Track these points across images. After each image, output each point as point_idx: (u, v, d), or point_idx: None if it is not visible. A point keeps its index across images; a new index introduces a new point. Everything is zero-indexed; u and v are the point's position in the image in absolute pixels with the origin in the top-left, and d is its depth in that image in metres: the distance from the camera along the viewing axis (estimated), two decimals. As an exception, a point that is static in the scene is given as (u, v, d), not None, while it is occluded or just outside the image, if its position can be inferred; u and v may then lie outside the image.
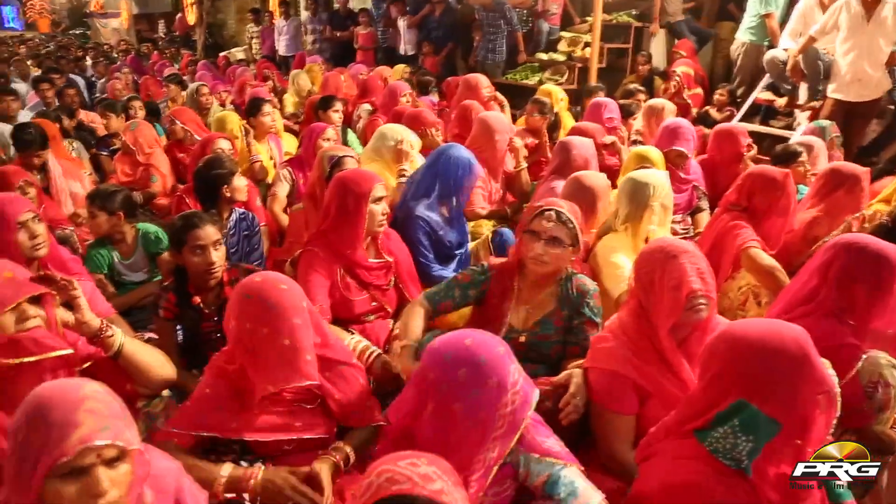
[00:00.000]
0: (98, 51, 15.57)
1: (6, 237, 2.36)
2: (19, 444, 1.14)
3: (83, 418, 1.14)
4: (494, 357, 1.46)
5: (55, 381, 1.25)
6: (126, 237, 3.12)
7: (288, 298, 1.79)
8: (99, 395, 1.21)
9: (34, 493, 1.11)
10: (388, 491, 1.07)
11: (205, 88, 6.04)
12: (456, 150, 3.11)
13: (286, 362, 1.77)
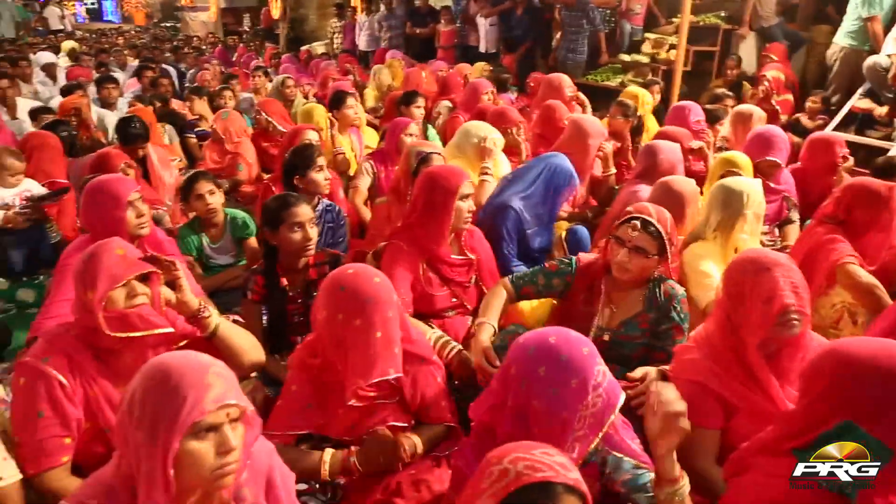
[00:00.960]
0: (188, 43, 16.21)
1: (117, 214, 2.51)
2: (149, 409, 1.18)
3: (213, 381, 1.22)
4: (578, 357, 1.44)
5: (173, 352, 1.31)
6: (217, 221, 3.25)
7: (382, 291, 1.81)
8: (219, 363, 1.29)
9: (171, 453, 1.17)
10: (531, 478, 1.09)
11: (290, 81, 6.21)
12: (560, 160, 3.11)
13: (378, 355, 1.77)
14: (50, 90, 7.47)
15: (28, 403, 1.73)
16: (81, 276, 1.78)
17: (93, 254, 1.79)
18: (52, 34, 15.22)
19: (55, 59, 8.66)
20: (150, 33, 19.99)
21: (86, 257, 1.79)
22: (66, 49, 11.06)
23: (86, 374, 1.78)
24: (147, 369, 1.24)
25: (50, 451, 1.73)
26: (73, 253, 2.58)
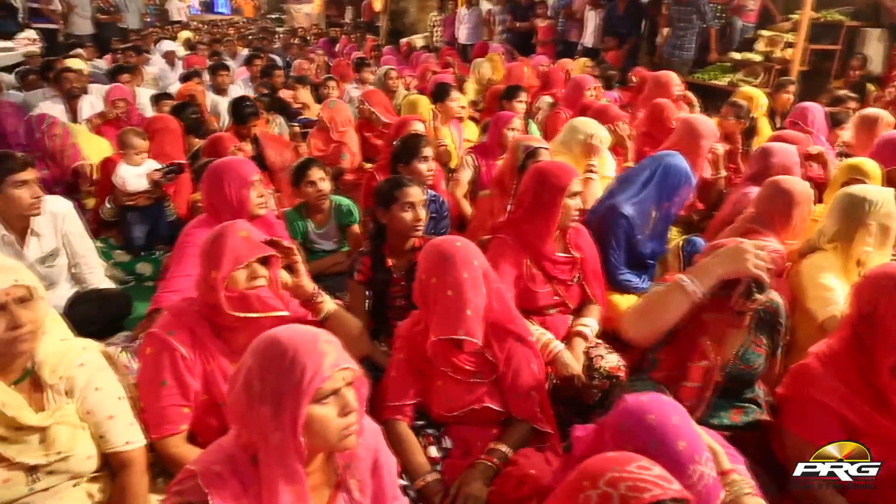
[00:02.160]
0: (293, 34, 16.76)
1: (243, 194, 2.62)
2: (271, 383, 1.23)
3: (326, 348, 1.27)
4: (672, 452, 1.29)
5: (278, 327, 1.34)
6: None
7: (458, 252, 1.92)
8: (324, 332, 1.33)
9: (301, 421, 1.22)
10: (640, 500, 1.04)
11: (393, 72, 6.31)
12: (676, 159, 2.98)
13: (448, 313, 1.89)
14: (169, 76, 7.92)
15: (154, 372, 1.83)
16: (207, 255, 1.86)
17: (219, 234, 1.87)
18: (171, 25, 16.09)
19: (174, 48, 9.17)
20: (258, 24, 20.80)
21: (212, 237, 1.87)
22: (183, 38, 11.69)
23: (205, 349, 1.87)
24: (260, 346, 1.29)
25: (171, 418, 1.82)
26: (191, 230, 2.70)
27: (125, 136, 3.82)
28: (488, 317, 1.98)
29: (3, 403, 1.59)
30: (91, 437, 1.75)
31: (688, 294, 1.96)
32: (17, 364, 1.65)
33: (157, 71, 8.14)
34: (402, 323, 2.13)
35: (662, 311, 2.00)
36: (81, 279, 3.05)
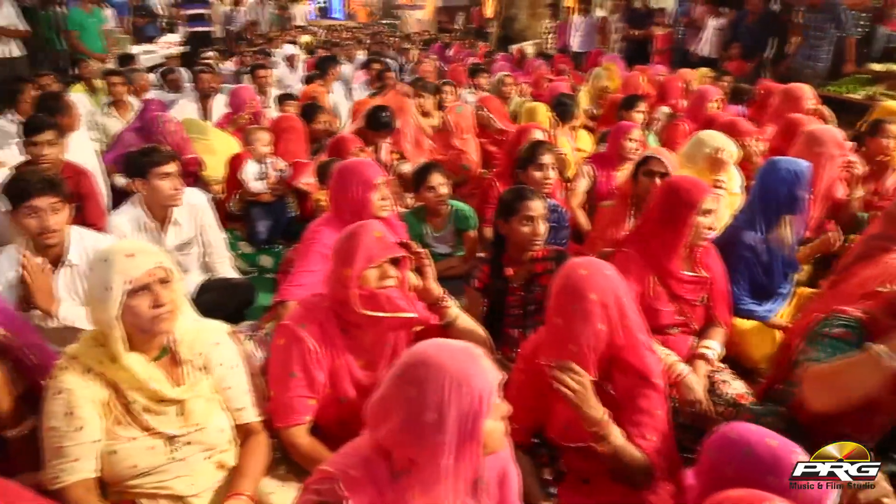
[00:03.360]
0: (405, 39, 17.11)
1: (367, 196, 2.69)
2: (449, 413, 1.21)
3: (485, 364, 1.26)
4: None
5: (432, 340, 1.33)
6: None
7: (578, 281, 1.77)
8: (470, 346, 1.31)
9: (480, 442, 1.22)
10: None
11: (508, 79, 6.29)
12: (782, 162, 2.80)
13: (553, 341, 1.81)
14: (290, 78, 8.29)
15: (284, 363, 1.89)
16: (340, 252, 1.90)
17: (353, 233, 1.91)
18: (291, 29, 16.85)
19: (297, 52, 9.59)
20: (372, 30, 21.41)
21: (346, 235, 1.92)
22: (303, 42, 12.20)
23: (333, 344, 1.91)
24: (425, 364, 1.25)
25: (297, 409, 1.88)
26: (317, 228, 2.78)
27: (250, 134, 4.03)
28: (610, 350, 1.85)
29: (149, 377, 1.70)
30: (223, 411, 1.85)
31: (884, 368, 1.62)
32: (157, 342, 1.76)
33: (280, 73, 8.51)
34: (527, 339, 2.09)
35: (853, 384, 1.69)
36: (211, 268, 3.23)
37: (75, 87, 6.39)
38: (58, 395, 1.65)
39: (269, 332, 2.70)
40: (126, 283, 1.63)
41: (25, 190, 2.41)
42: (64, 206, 2.47)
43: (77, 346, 1.74)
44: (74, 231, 2.58)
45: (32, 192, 2.39)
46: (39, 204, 2.39)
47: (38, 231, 2.43)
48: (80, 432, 1.64)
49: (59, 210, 2.45)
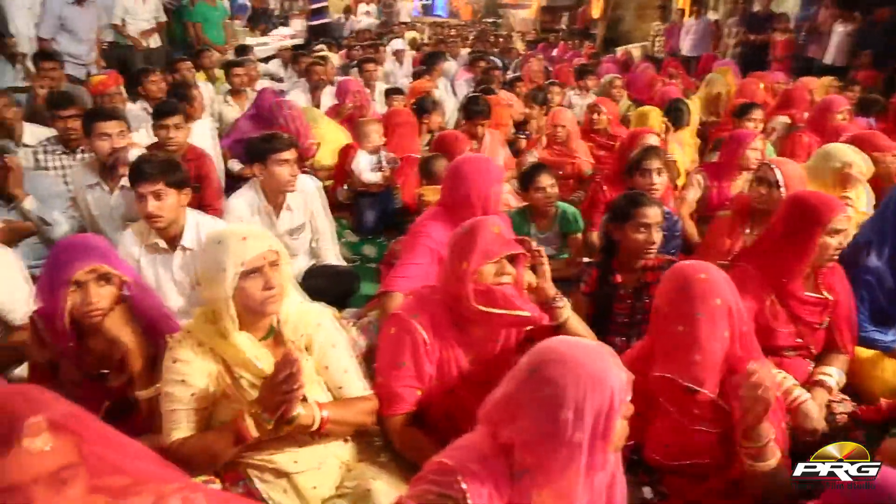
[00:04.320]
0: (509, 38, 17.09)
1: (487, 191, 2.67)
2: (588, 411, 1.20)
3: (614, 361, 1.25)
4: None
5: (561, 339, 1.32)
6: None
7: (700, 284, 1.70)
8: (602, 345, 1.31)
9: (613, 436, 1.22)
10: None
11: (618, 81, 6.16)
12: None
13: (674, 352, 1.72)
14: (397, 73, 8.44)
15: (394, 352, 1.92)
16: (458, 246, 1.91)
17: (472, 228, 1.91)
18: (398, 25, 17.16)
19: (405, 47, 9.76)
20: (476, 27, 21.48)
21: (465, 230, 1.92)
22: (409, 38, 12.39)
23: (444, 337, 1.93)
24: (563, 377, 1.22)
25: (403, 398, 1.91)
26: (426, 222, 2.79)
27: (364, 126, 4.12)
28: (728, 363, 1.76)
29: (256, 357, 1.76)
30: (325, 391, 1.89)
31: None
32: (265, 322, 1.82)
33: (386, 68, 8.68)
34: (629, 350, 2.03)
35: None
36: (318, 254, 3.34)
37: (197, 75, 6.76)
38: (173, 364, 1.76)
39: (372, 320, 2.76)
40: (239, 265, 1.69)
41: (133, 175, 2.58)
42: (171, 193, 2.57)
43: (192, 321, 1.85)
44: (191, 216, 2.71)
45: (139, 177, 2.54)
46: (143, 190, 2.53)
47: (143, 215, 2.58)
48: (190, 399, 1.74)
49: (164, 196, 2.55)
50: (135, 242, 2.61)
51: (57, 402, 1.13)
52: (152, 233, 2.63)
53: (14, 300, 2.47)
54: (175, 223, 2.62)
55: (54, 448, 1.07)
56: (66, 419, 1.10)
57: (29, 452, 1.04)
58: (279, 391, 1.61)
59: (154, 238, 2.63)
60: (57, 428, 1.08)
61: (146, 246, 2.64)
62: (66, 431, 1.09)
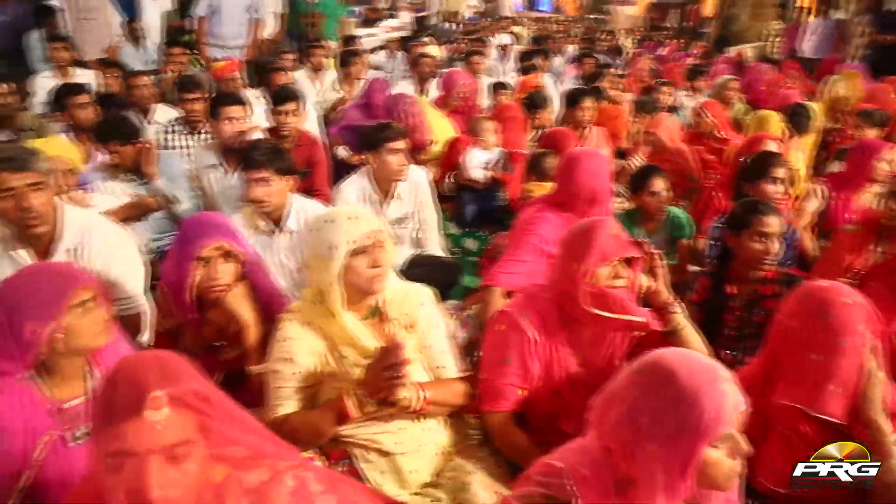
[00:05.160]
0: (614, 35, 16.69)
1: (600, 188, 2.65)
2: (664, 423, 1.17)
3: (728, 388, 1.18)
4: None
5: (669, 354, 1.26)
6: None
7: (843, 310, 1.60)
8: (719, 367, 1.23)
9: (694, 466, 1.16)
10: None
11: (734, 83, 5.89)
12: None
13: (804, 380, 1.62)
14: (501, 68, 8.42)
15: (500, 349, 1.92)
16: (572, 246, 1.88)
17: (588, 228, 1.87)
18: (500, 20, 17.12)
19: (510, 41, 9.73)
20: (582, 24, 21.09)
21: (580, 230, 1.89)
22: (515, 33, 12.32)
23: (552, 337, 1.90)
24: (652, 379, 1.21)
25: (506, 395, 1.90)
26: (534, 218, 2.76)
27: (480, 123, 4.15)
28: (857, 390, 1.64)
29: (359, 335, 1.81)
30: (425, 371, 1.92)
31: None
32: (368, 302, 1.87)
33: (490, 62, 8.67)
34: (743, 369, 1.92)
35: None
36: (421, 244, 3.38)
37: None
38: (281, 342, 1.83)
39: (472, 313, 2.77)
40: (349, 244, 1.74)
41: (243, 161, 2.71)
42: (277, 179, 2.69)
43: (299, 302, 1.92)
44: (296, 200, 2.82)
45: (248, 164, 2.68)
46: (251, 176, 2.66)
47: (250, 199, 2.70)
48: (294, 377, 1.81)
49: (270, 182, 2.66)
50: (244, 224, 2.73)
51: (189, 374, 1.18)
52: (258, 215, 2.75)
53: (134, 284, 2.54)
54: (280, 207, 2.74)
55: (172, 423, 1.11)
56: (190, 395, 1.14)
57: (148, 424, 1.10)
58: (384, 376, 1.65)
59: (259, 220, 2.76)
60: (178, 404, 1.12)
61: (252, 228, 2.76)
62: (187, 408, 1.13)
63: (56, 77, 5.31)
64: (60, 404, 1.63)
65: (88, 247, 2.36)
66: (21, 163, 2.17)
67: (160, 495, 1.09)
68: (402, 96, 4.48)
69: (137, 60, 6.61)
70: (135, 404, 1.10)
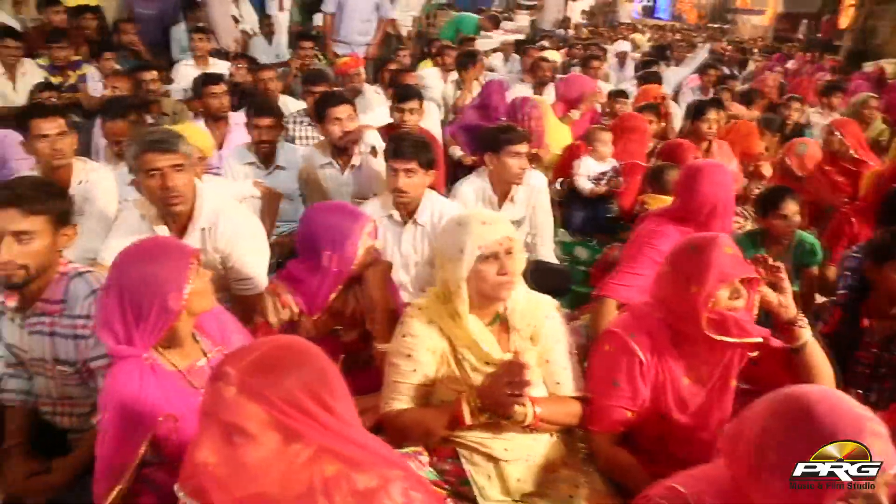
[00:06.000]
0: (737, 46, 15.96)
1: (722, 203, 2.54)
2: (793, 460, 1.12)
3: (876, 428, 1.10)
4: None
5: (811, 388, 1.20)
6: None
7: None
8: (875, 417, 1.14)
9: None
10: None
11: (874, 101, 5.50)
12: None
13: None
14: (617, 76, 8.26)
15: (608, 370, 1.87)
16: (688, 267, 1.78)
17: (703, 248, 1.78)
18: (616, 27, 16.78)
19: (628, 49, 9.52)
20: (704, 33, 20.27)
21: (692, 249, 1.80)
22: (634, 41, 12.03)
23: (662, 357, 1.84)
24: (787, 411, 1.16)
25: (613, 417, 1.86)
26: (654, 230, 2.66)
27: (595, 133, 4.10)
28: None
29: (482, 339, 1.81)
30: (541, 383, 1.89)
31: None
32: (493, 308, 1.86)
33: (607, 69, 8.52)
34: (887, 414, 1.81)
35: None
36: (533, 249, 3.37)
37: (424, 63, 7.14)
38: (403, 338, 1.86)
39: (583, 323, 2.74)
40: (478, 248, 1.74)
41: (391, 151, 2.75)
42: (420, 172, 2.74)
43: (425, 299, 1.94)
44: (429, 195, 2.87)
45: (395, 154, 2.73)
46: (396, 166, 2.71)
47: (392, 188, 2.76)
48: (413, 374, 1.83)
49: (414, 174, 2.72)
50: (377, 212, 2.81)
51: (297, 376, 1.16)
52: (390, 205, 2.82)
53: (256, 267, 2.65)
54: (416, 200, 2.80)
55: (236, 405, 1.12)
56: (272, 392, 1.12)
57: (218, 392, 1.14)
58: (505, 391, 1.65)
59: (391, 210, 2.82)
60: (249, 393, 1.12)
61: (384, 216, 2.83)
62: (258, 402, 1.12)
63: (196, 66, 5.69)
64: (190, 369, 1.73)
65: (219, 228, 2.51)
66: (168, 145, 2.33)
67: (202, 460, 1.13)
68: (526, 100, 4.47)
69: (267, 54, 6.97)
70: (217, 369, 1.17)
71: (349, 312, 2.24)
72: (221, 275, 2.54)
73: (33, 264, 1.83)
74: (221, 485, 1.13)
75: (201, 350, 1.78)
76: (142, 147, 2.31)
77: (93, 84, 5.20)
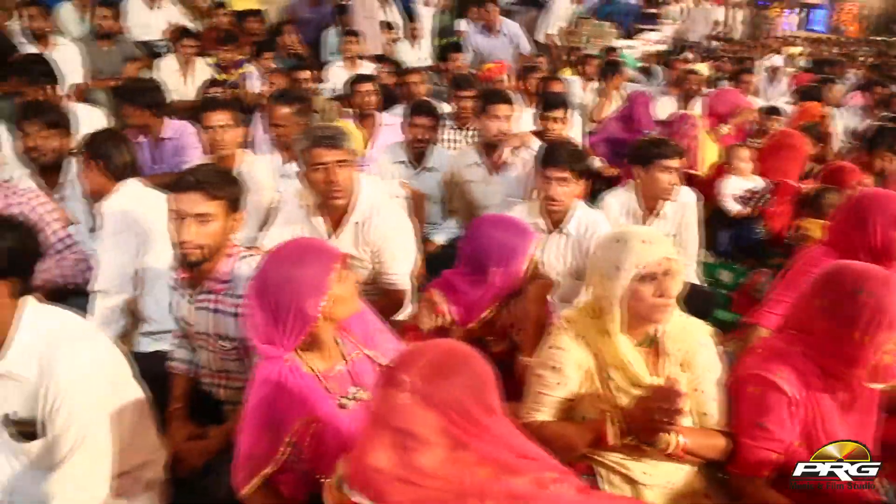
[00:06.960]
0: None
1: (890, 236, 2.35)
2: None
3: None
4: None
5: None
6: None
7: None
8: None
9: None
10: None
11: None
12: None
13: None
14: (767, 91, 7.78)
15: (755, 413, 1.76)
16: (850, 310, 1.64)
17: (873, 291, 1.62)
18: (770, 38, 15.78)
19: (781, 63, 8.95)
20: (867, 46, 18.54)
21: (858, 290, 1.64)
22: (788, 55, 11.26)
23: (811, 394, 1.73)
24: None
25: (761, 461, 1.74)
26: (814, 260, 2.51)
27: (734, 150, 3.92)
28: None
29: (631, 361, 1.76)
30: (688, 412, 1.80)
31: None
32: (644, 329, 1.80)
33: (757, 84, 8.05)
34: None
35: None
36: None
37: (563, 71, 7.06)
38: (551, 350, 1.84)
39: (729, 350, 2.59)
40: (636, 267, 1.69)
41: (545, 157, 2.75)
42: (574, 181, 2.72)
43: (575, 312, 1.90)
44: (578, 205, 2.83)
45: (549, 161, 2.71)
46: (549, 174, 2.70)
47: (545, 196, 2.75)
48: (557, 387, 1.80)
49: (567, 183, 2.70)
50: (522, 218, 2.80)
51: (462, 382, 1.20)
52: (537, 212, 2.81)
53: (403, 264, 2.74)
54: (566, 209, 2.77)
55: (409, 411, 1.16)
56: (445, 398, 1.16)
57: (392, 399, 1.17)
58: (654, 418, 1.60)
59: (537, 217, 2.80)
60: (424, 400, 1.16)
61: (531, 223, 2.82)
62: (432, 409, 1.16)
63: (346, 68, 5.96)
64: (327, 374, 1.72)
65: (372, 223, 2.60)
66: (334, 141, 2.46)
67: (376, 465, 1.18)
68: (686, 116, 4.38)
69: (412, 58, 7.17)
70: (388, 375, 1.20)
71: (500, 324, 2.25)
72: (368, 268, 2.63)
73: (209, 245, 1.97)
74: (399, 487, 1.17)
75: (341, 354, 1.77)
76: (311, 142, 2.44)
77: (251, 81, 5.58)
